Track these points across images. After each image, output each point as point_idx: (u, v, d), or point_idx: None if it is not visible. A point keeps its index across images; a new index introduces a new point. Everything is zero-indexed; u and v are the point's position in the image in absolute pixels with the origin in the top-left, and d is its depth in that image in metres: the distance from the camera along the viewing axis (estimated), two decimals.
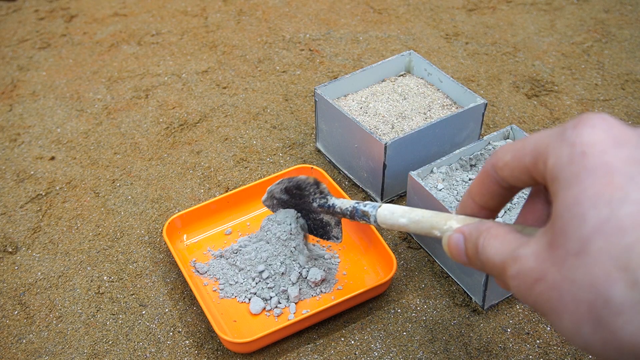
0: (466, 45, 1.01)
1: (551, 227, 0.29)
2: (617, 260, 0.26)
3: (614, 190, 0.26)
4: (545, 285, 0.28)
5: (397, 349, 0.61)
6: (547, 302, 0.28)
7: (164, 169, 0.81)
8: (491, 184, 0.35)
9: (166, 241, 0.67)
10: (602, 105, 0.88)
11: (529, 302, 0.30)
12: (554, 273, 0.28)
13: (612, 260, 0.26)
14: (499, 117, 0.87)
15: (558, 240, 0.28)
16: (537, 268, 0.29)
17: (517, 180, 0.33)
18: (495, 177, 0.34)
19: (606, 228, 0.26)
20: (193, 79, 0.96)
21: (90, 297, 0.67)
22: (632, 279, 0.25)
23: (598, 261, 0.26)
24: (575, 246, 0.27)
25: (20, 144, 0.86)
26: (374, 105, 0.78)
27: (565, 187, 0.28)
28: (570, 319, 0.27)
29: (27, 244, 0.73)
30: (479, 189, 0.36)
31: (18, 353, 0.62)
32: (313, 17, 1.09)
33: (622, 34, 1.02)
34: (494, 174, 0.34)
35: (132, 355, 0.62)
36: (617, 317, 0.26)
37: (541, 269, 0.29)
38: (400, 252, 0.70)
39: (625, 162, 0.27)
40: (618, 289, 0.26)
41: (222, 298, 0.65)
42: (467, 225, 0.36)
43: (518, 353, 0.61)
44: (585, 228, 0.27)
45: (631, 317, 0.25)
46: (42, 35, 1.07)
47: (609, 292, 0.26)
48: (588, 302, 0.26)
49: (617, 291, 0.26)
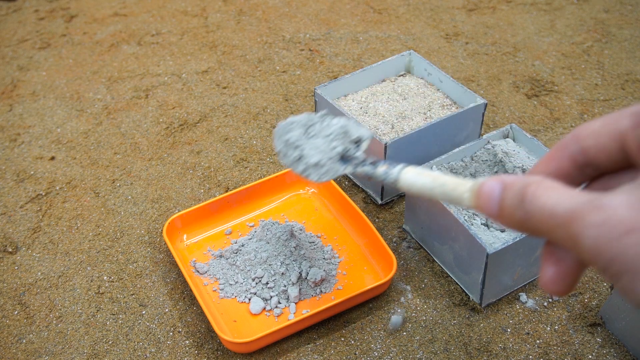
0: (466, 45, 1.01)
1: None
2: None
3: None
4: (639, 238, 0.26)
5: (397, 349, 0.61)
6: (635, 257, 0.26)
7: (164, 169, 0.81)
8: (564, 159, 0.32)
9: (166, 241, 0.67)
10: (602, 105, 0.88)
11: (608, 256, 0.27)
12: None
13: None
14: (499, 117, 0.87)
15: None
16: (631, 218, 0.26)
17: (601, 152, 0.30)
18: (572, 149, 0.31)
19: None
20: (193, 79, 0.96)
21: (90, 297, 0.67)
22: None
23: None
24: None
25: (20, 144, 0.86)
26: (374, 105, 0.78)
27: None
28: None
29: (27, 244, 0.73)
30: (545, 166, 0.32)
31: (18, 353, 0.62)
32: (313, 17, 1.09)
33: (622, 34, 1.02)
34: (572, 145, 0.31)
35: (132, 355, 0.62)
36: None
37: (637, 219, 0.26)
38: (400, 252, 0.70)
39: None
40: None
41: (222, 298, 0.65)
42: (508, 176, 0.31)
43: (518, 353, 0.61)
44: None
45: None
46: (42, 35, 1.07)
47: None
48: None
49: None
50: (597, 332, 0.62)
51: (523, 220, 0.30)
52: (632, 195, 0.27)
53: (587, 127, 0.31)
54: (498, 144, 0.71)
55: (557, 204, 0.28)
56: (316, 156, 0.53)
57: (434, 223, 0.67)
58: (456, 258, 0.65)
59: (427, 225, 0.68)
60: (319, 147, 0.53)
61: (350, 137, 0.53)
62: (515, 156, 0.69)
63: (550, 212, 0.28)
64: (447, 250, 0.66)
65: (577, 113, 0.87)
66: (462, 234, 0.62)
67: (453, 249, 0.65)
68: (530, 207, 0.29)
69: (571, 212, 0.28)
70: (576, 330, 0.62)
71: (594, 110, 0.87)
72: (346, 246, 0.70)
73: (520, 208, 0.30)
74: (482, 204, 0.32)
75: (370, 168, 0.48)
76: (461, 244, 0.63)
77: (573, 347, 0.61)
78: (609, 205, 0.27)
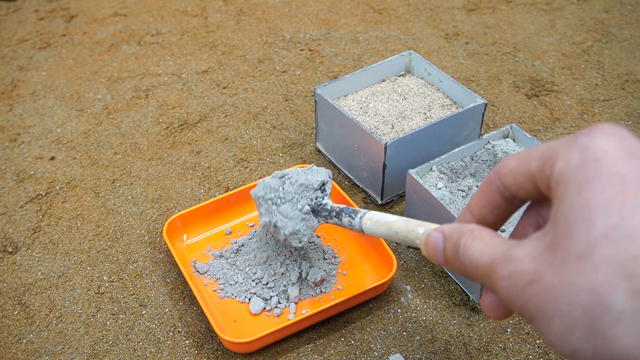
0: (466, 45, 1.01)
1: (552, 230, 0.28)
2: (622, 267, 0.25)
3: (627, 198, 0.26)
4: (540, 287, 0.28)
5: (397, 349, 0.61)
6: (539, 305, 0.28)
7: (164, 169, 0.81)
8: (493, 193, 0.35)
9: (166, 241, 0.67)
10: (602, 105, 0.88)
11: (518, 304, 0.29)
12: (551, 275, 0.27)
13: (617, 267, 0.25)
14: (499, 117, 0.87)
15: (561, 243, 0.27)
16: (532, 270, 0.28)
17: (519, 188, 0.33)
18: (498, 185, 0.34)
19: (615, 235, 0.26)
20: (193, 79, 0.96)
21: (90, 297, 0.67)
22: (635, 288, 0.25)
23: (602, 267, 0.26)
24: (580, 249, 0.27)
25: (20, 144, 0.86)
26: (374, 105, 0.78)
27: (575, 190, 0.28)
28: (562, 323, 0.27)
29: (27, 244, 0.73)
30: (479, 201, 0.36)
31: (18, 353, 0.62)
32: (313, 17, 1.09)
33: (622, 34, 1.02)
34: (497, 182, 0.34)
35: (132, 355, 0.62)
36: (614, 325, 0.25)
37: (537, 270, 0.28)
38: (400, 252, 0.70)
39: (638, 173, 0.27)
40: (619, 297, 0.25)
41: (222, 298, 0.65)
42: (448, 225, 0.35)
43: (518, 353, 0.61)
44: (592, 232, 0.26)
45: (629, 326, 0.25)
46: (42, 35, 1.07)
47: (609, 299, 0.25)
48: (585, 307, 0.26)
49: (618, 299, 0.25)
50: None
51: (461, 270, 0.33)
52: (534, 247, 0.29)
53: (506, 166, 0.33)
54: (498, 144, 0.71)
55: (481, 256, 0.32)
56: (289, 226, 0.58)
57: (433, 223, 0.67)
58: None
59: None
60: (289, 214, 0.58)
61: (313, 188, 0.58)
62: None
63: (476, 264, 0.32)
64: None
65: (577, 113, 0.87)
66: None
67: None
68: (464, 258, 0.33)
69: (489, 265, 0.31)
70: None
71: (594, 110, 0.87)
72: (346, 246, 0.70)
73: (456, 259, 0.33)
74: (430, 255, 0.36)
75: (336, 220, 0.53)
76: None
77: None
78: (516, 258, 0.29)
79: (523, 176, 0.32)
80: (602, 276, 0.26)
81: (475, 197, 0.36)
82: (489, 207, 0.35)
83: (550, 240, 0.28)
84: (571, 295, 0.27)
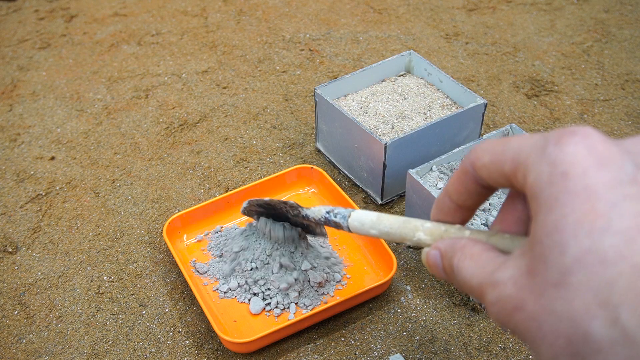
0: (466, 45, 1.01)
1: (530, 251, 0.28)
2: (597, 294, 0.25)
3: (596, 218, 0.25)
4: (524, 315, 0.27)
5: (397, 349, 0.61)
6: (526, 332, 0.28)
7: (164, 169, 0.81)
8: (469, 181, 0.34)
9: (166, 241, 0.67)
10: (602, 105, 0.88)
11: (509, 328, 0.29)
12: (532, 303, 0.27)
13: (593, 294, 0.25)
14: (499, 117, 0.87)
15: (537, 268, 0.27)
16: (515, 296, 0.28)
17: (495, 183, 0.32)
18: (473, 175, 0.33)
19: (587, 260, 0.25)
20: (193, 79, 0.96)
21: (90, 297, 0.67)
22: (612, 316, 0.24)
23: (578, 294, 0.25)
24: (555, 276, 0.26)
25: (20, 144, 0.86)
26: (374, 105, 0.78)
27: (545, 210, 0.27)
28: (549, 351, 0.26)
29: (27, 244, 0.73)
30: (456, 187, 0.35)
31: (18, 353, 0.62)
32: (313, 17, 1.09)
33: (622, 34, 1.02)
34: (472, 172, 0.33)
35: (132, 355, 0.62)
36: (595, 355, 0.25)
37: (520, 297, 0.28)
38: (400, 252, 0.70)
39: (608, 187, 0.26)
40: (597, 326, 0.25)
41: (222, 298, 0.65)
42: (443, 242, 0.35)
43: (518, 353, 0.61)
44: (565, 258, 0.26)
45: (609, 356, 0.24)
46: (42, 35, 1.07)
47: (588, 328, 0.25)
48: (567, 336, 0.25)
49: (596, 328, 0.25)
50: None
51: (459, 286, 0.34)
52: (516, 270, 0.29)
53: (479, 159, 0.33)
54: None
55: (472, 278, 0.32)
56: None
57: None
58: None
59: None
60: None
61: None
62: None
63: (469, 286, 0.32)
64: None
65: (577, 113, 0.87)
66: None
67: None
68: (459, 278, 0.33)
69: (479, 287, 0.31)
70: None
71: (594, 110, 0.87)
72: (346, 246, 0.70)
73: (454, 278, 0.34)
74: (433, 273, 0.36)
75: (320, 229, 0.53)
76: None
77: None
78: (499, 283, 0.29)
79: (498, 175, 0.31)
80: (579, 305, 0.25)
81: (452, 184, 0.36)
82: (467, 193, 0.35)
83: (528, 263, 0.28)
84: (553, 323, 0.26)
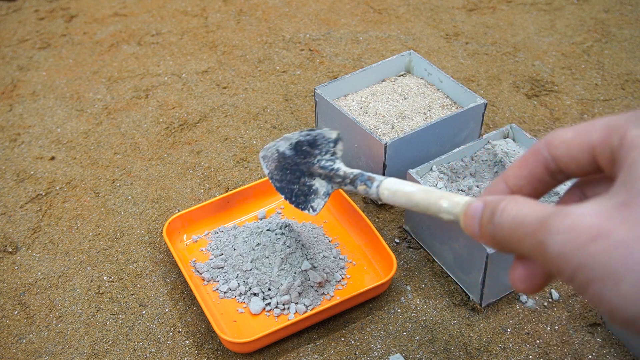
0: (466, 45, 1.01)
1: (625, 190, 0.27)
2: None
3: None
4: (607, 243, 0.26)
5: (397, 349, 0.61)
6: (605, 262, 0.26)
7: (164, 169, 0.81)
8: (537, 164, 0.33)
9: (166, 241, 0.67)
10: (602, 105, 0.88)
11: (574, 263, 0.27)
12: (622, 231, 0.26)
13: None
14: (499, 117, 0.87)
15: (635, 201, 0.26)
16: (598, 225, 0.27)
17: (571, 161, 0.31)
18: (544, 156, 0.32)
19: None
20: (193, 79, 0.96)
21: (90, 297, 0.67)
22: None
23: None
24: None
25: (20, 144, 0.86)
26: (374, 105, 0.78)
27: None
28: (632, 282, 0.25)
29: (27, 244, 0.73)
30: (518, 171, 0.34)
31: (18, 353, 0.62)
32: (313, 17, 1.09)
33: (622, 34, 1.02)
34: (544, 153, 0.32)
35: (132, 355, 0.62)
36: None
37: (604, 226, 0.26)
38: (400, 252, 0.70)
39: None
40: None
41: (222, 298, 0.65)
42: (490, 195, 0.34)
43: (518, 353, 0.61)
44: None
45: None
46: (42, 35, 1.07)
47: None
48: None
49: None
50: (597, 332, 0.62)
51: (493, 233, 0.31)
52: (600, 205, 0.27)
53: (559, 136, 0.32)
54: (498, 144, 0.71)
55: (527, 214, 0.30)
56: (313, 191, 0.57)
57: (434, 223, 0.67)
58: (456, 258, 0.65)
59: (427, 225, 0.68)
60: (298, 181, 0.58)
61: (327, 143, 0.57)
62: (516, 156, 0.69)
63: (520, 222, 0.30)
64: (447, 250, 0.66)
65: (577, 113, 0.87)
66: (462, 234, 0.62)
67: (453, 249, 0.65)
68: (500, 220, 0.31)
69: (540, 220, 0.29)
70: (576, 330, 0.62)
71: (594, 110, 0.87)
72: (346, 246, 0.70)
73: (490, 222, 0.31)
74: (468, 225, 0.34)
75: (351, 187, 0.52)
76: (461, 244, 0.63)
77: (573, 347, 0.61)
78: (576, 213, 0.27)
79: (580, 147, 0.30)
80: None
81: (513, 167, 0.34)
82: (529, 178, 0.33)
83: (623, 198, 0.27)
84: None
